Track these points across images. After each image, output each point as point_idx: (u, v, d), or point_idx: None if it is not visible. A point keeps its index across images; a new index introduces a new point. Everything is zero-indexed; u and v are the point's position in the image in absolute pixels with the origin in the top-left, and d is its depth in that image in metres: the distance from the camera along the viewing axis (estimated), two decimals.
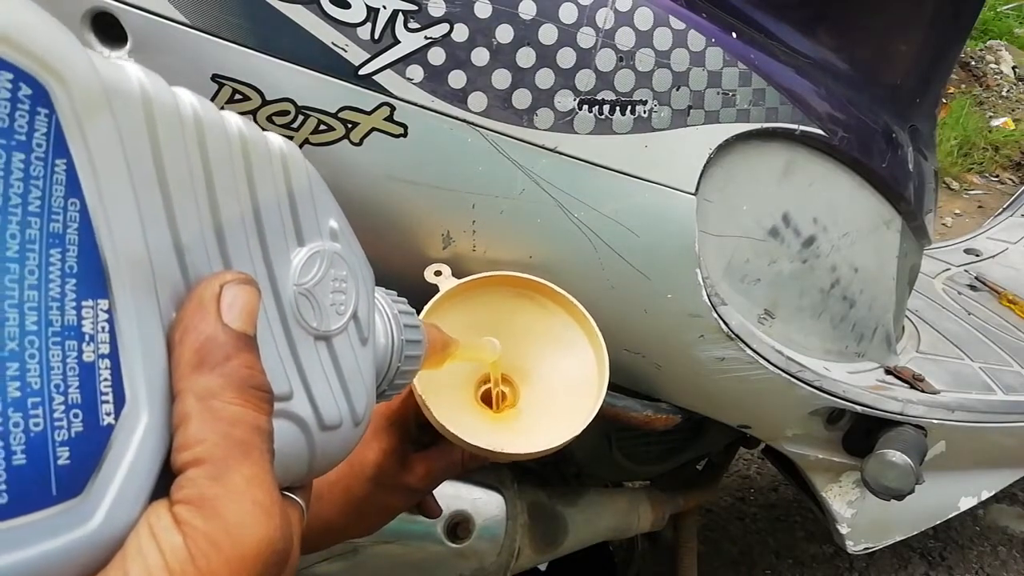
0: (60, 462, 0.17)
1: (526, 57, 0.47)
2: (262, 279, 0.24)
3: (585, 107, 0.49)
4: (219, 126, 0.23)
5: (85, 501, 0.17)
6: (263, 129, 0.26)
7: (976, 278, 1.28)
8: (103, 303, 0.19)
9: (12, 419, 0.16)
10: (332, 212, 0.28)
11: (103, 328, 0.19)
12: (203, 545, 0.18)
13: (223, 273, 0.22)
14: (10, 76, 0.17)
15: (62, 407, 0.17)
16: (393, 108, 0.46)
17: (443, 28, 0.45)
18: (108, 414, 0.18)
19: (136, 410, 0.19)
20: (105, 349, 0.19)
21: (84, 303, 0.18)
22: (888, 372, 0.80)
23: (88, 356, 0.18)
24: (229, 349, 0.20)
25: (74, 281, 0.18)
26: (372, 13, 0.44)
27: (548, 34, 0.47)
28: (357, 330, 0.28)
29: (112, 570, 0.18)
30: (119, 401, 0.19)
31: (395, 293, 0.34)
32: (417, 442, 0.50)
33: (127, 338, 0.19)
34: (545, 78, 0.48)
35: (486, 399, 0.50)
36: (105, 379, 0.18)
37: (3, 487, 0.16)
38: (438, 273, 0.51)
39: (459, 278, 0.51)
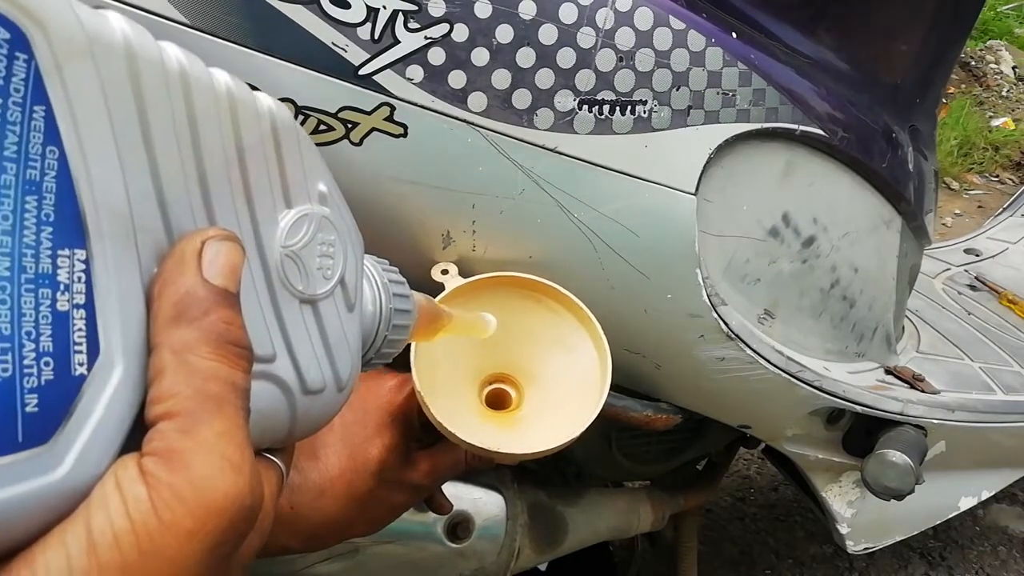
0: (28, 409, 0.17)
1: (526, 57, 0.47)
2: (248, 238, 0.24)
3: (585, 107, 0.49)
4: (206, 81, 0.22)
5: (52, 449, 0.17)
6: None
7: (976, 278, 1.28)
8: (80, 253, 0.18)
9: None
10: (322, 176, 0.28)
11: (79, 278, 0.18)
12: (167, 496, 0.18)
13: (206, 229, 0.22)
14: None
15: (33, 354, 0.17)
16: (393, 108, 0.46)
17: (443, 28, 0.45)
18: (81, 364, 0.18)
19: (110, 361, 0.19)
20: (80, 299, 0.18)
21: (60, 252, 0.18)
22: (888, 372, 0.80)
23: (62, 305, 0.18)
24: (208, 304, 0.20)
25: (50, 229, 0.18)
26: (372, 13, 0.44)
27: (548, 34, 0.47)
28: (344, 296, 0.28)
29: (75, 519, 0.18)
30: (93, 352, 0.18)
31: (387, 262, 0.34)
32: (421, 440, 0.50)
33: (103, 289, 0.19)
34: (545, 78, 0.48)
35: (490, 399, 0.50)
36: (79, 329, 0.18)
37: None
38: (445, 272, 0.51)
39: (465, 278, 0.51)
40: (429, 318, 0.37)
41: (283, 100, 0.44)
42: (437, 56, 0.45)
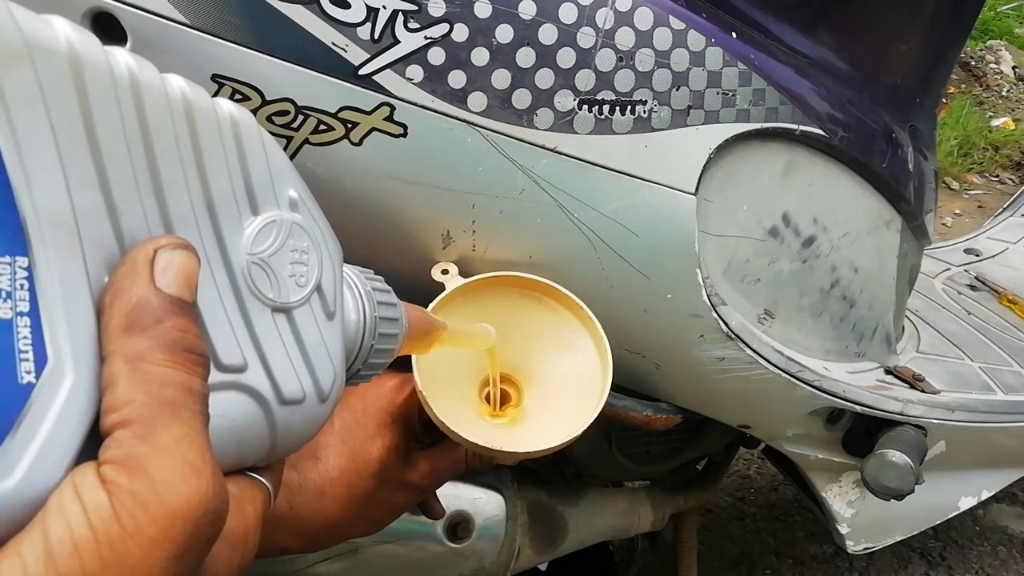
0: None
1: (526, 57, 0.47)
2: (209, 246, 0.23)
3: (585, 107, 0.49)
4: (158, 87, 0.22)
5: (3, 458, 0.17)
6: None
7: (976, 278, 1.28)
8: (22, 260, 0.18)
9: None
10: (291, 182, 0.27)
11: (22, 285, 0.18)
12: (129, 504, 0.18)
13: (159, 237, 0.21)
14: None
15: None
16: (393, 108, 0.46)
17: (443, 28, 0.45)
18: (28, 372, 0.18)
19: (60, 370, 0.18)
20: (24, 307, 0.18)
21: (0, 259, 0.18)
22: (888, 372, 0.80)
23: (5, 313, 0.18)
24: (161, 313, 0.20)
25: None
26: (372, 13, 0.44)
27: (548, 34, 0.47)
28: (322, 303, 0.28)
29: (31, 528, 0.17)
30: (40, 360, 0.18)
31: (371, 271, 0.33)
32: (421, 441, 0.50)
33: (49, 297, 0.18)
34: (545, 78, 0.48)
35: (491, 399, 0.50)
36: (24, 337, 0.18)
37: None
38: (445, 272, 0.51)
39: (465, 278, 0.51)
40: (423, 329, 0.36)
41: (283, 100, 0.44)
42: (437, 56, 0.45)
